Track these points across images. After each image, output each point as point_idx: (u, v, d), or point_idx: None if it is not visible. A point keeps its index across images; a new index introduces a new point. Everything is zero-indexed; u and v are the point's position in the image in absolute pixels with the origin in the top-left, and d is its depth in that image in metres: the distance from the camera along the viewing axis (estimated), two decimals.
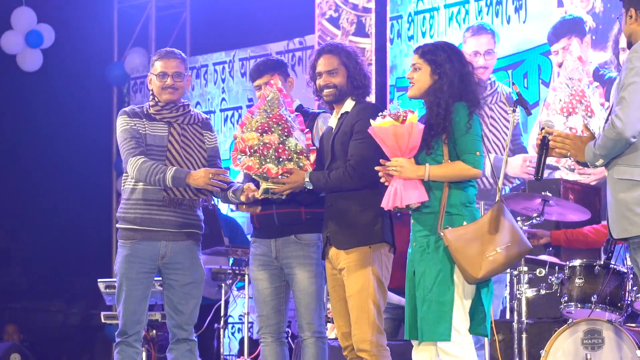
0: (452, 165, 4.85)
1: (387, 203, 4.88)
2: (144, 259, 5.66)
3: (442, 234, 4.76)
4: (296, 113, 5.41)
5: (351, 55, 5.41)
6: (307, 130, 5.40)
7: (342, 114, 5.36)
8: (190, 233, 5.76)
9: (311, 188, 5.26)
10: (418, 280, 4.85)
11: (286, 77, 5.74)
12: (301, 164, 5.24)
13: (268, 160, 5.18)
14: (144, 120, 5.72)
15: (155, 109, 5.76)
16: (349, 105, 5.37)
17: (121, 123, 5.75)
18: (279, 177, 5.20)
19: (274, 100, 5.28)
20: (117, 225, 5.80)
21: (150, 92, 5.84)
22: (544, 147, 4.62)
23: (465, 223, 4.81)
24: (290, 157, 5.20)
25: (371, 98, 5.88)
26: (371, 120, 4.93)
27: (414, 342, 4.96)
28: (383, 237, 5.23)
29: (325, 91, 5.40)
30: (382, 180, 4.94)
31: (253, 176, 5.29)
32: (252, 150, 5.18)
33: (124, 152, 5.72)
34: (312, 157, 5.28)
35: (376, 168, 4.95)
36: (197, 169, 5.64)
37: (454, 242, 4.73)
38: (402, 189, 4.82)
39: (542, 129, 4.64)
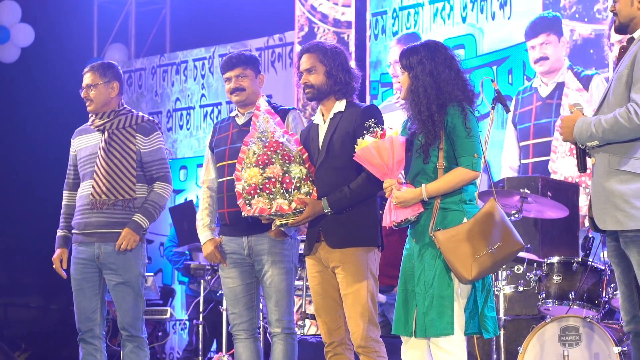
0: (448, 175, 4.77)
1: (386, 220, 4.87)
2: (85, 259, 5.91)
3: (433, 235, 4.73)
4: (290, 133, 5.36)
5: (329, 52, 5.33)
6: (303, 149, 5.31)
7: (335, 114, 5.30)
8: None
9: (331, 213, 5.17)
10: (418, 276, 4.80)
11: (257, 73, 5.75)
12: (310, 191, 5.17)
13: (277, 195, 5.12)
14: (82, 136, 6.07)
15: (91, 119, 6.07)
16: (340, 105, 5.31)
17: None
18: (292, 212, 5.15)
19: (264, 124, 5.24)
20: None
21: None
22: None
23: (466, 219, 4.76)
24: (298, 185, 5.16)
25: None
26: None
27: (404, 338, 4.90)
28: (376, 241, 5.21)
29: (305, 90, 5.38)
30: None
31: (267, 216, 5.21)
32: (257, 190, 5.13)
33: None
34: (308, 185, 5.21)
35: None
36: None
37: (445, 244, 4.69)
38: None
39: (572, 113, 4.45)
